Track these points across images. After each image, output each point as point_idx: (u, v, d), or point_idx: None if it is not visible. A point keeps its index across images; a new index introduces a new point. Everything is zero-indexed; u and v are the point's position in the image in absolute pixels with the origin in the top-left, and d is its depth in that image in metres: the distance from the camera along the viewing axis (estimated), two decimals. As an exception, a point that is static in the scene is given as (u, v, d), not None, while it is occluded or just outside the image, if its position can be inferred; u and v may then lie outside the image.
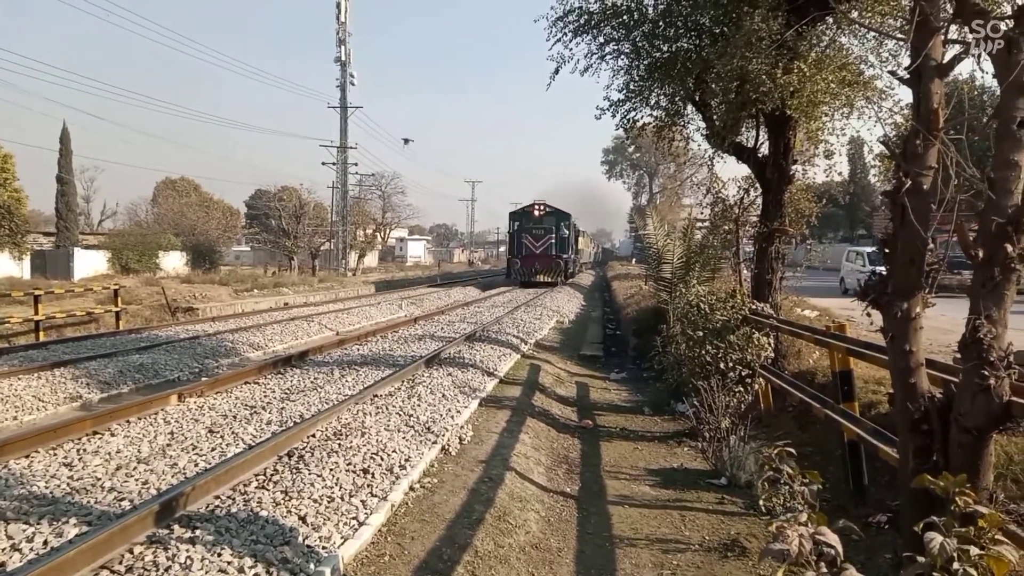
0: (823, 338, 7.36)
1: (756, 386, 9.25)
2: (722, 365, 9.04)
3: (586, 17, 11.29)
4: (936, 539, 2.61)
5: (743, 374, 9.02)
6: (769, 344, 9.28)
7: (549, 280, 40.19)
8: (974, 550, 2.59)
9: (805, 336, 8.16)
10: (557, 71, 11.69)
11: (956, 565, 2.50)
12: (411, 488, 6.31)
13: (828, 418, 6.88)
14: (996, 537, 2.72)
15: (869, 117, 10.58)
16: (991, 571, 2.59)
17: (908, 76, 3.93)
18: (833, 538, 2.71)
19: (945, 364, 4.68)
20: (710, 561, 5.57)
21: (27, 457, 6.39)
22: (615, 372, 14.75)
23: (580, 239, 57.23)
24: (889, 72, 8.35)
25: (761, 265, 11.14)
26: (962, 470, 3.62)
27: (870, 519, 5.99)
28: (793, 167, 11.10)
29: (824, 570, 2.63)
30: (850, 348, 6.53)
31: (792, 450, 4.37)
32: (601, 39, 11.46)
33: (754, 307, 9.65)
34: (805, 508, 3.48)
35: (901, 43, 6.81)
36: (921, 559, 2.66)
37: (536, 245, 41.10)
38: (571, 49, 11.52)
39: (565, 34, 11.48)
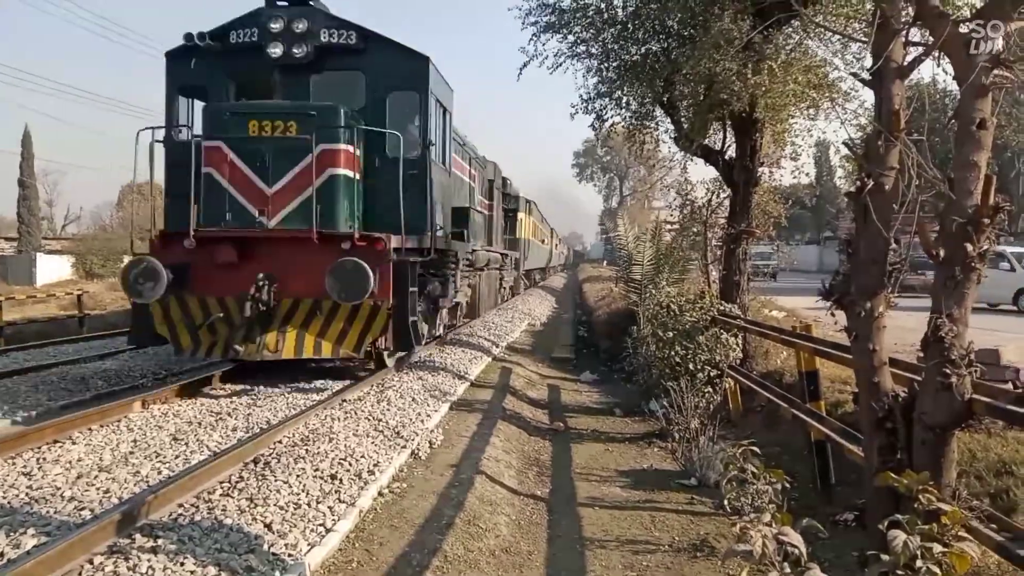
0: (790, 338, 7.43)
1: (725, 386, 9.32)
2: (691, 366, 9.10)
3: (557, 14, 11.35)
4: (900, 537, 2.64)
5: (711, 375, 9.09)
6: (737, 345, 9.37)
7: (346, 360, 11.28)
8: (937, 547, 2.61)
9: (772, 336, 8.24)
10: (526, 65, 11.74)
11: (920, 563, 2.52)
12: (380, 493, 6.24)
13: (795, 418, 6.94)
14: (959, 534, 2.74)
15: (834, 119, 10.76)
16: (954, 568, 2.62)
17: (870, 78, 3.97)
18: (796, 538, 2.72)
19: (909, 363, 4.74)
20: (680, 561, 5.58)
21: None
22: (586, 374, 14.76)
23: (523, 216, 28.68)
24: (851, 74, 8.50)
25: (729, 266, 11.24)
26: (925, 467, 3.66)
27: (837, 517, 6.04)
28: (760, 169, 11.23)
29: (788, 570, 2.63)
30: (816, 348, 6.60)
31: (756, 449, 4.39)
32: (572, 38, 11.53)
33: (722, 308, 9.73)
34: (769, 508, 3.50)
35: (865, 46, 6.91)
36: (886, 557, 2.68)
37: (262, 186, 9.49)
38: (543, 45, 11.55)
39: (537, 29, 11.53)
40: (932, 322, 3.67)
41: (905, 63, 3.91)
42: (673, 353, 9.34)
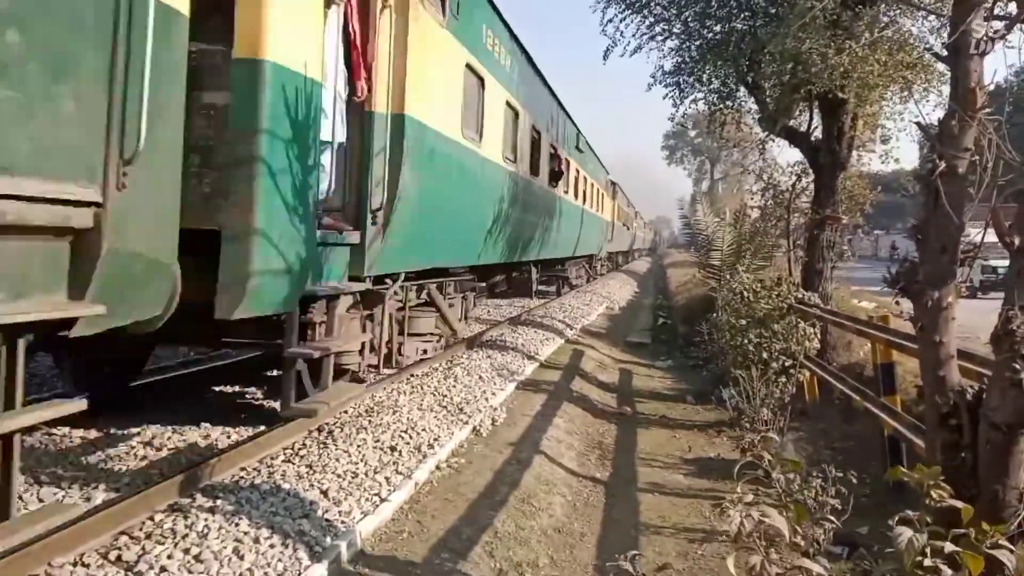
0: (864, 328, 7.13)
1: (801, 377, 9.02)
2: (765, 354, 8.82)
3: None
4: (905, 533, 2.49)
5: (786, 364, 8.79)
6: (815, 335, 9.03)
7: None
8: (949, 546, 2.45)
9: (847, 327, 7.94)
10: (607, 51, 11.59)
11: (928, 562, 2.37)
12: (437, 467, 6.32)
13: (868, 411, 6.66)
14: (999, 542, 2.55)
15: (928, 102, 10.16)
16: (969, 569, 2.45)
17: (946, 53, 3.73)
18: (780, 521, 2.66)
19: (980, 357, 4.46)
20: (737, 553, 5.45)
21: (69, 425, 6.56)
22: (662, 359, 14.56)
23: (571, 163, 18.58)
24: (925, 49, 7.96)
25: (811, 253, 10.86)
26: (990, 468, 3.47)
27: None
28: (850, 152, 10.76)
29: (775, 556, 2.55)
30: (890, 340, 6.30)
31: (774, 436, 4.28)
32: (652, 18, 11.28)
33: (800, 296, 9.39)
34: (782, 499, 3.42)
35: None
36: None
37: None
38: (620, 31, 11.36)
39: (617, 10, 11.33)
40: (1003, 314, 3.45)
41: (985, 37, 3.65)
42: (746, 341, 9.08)
